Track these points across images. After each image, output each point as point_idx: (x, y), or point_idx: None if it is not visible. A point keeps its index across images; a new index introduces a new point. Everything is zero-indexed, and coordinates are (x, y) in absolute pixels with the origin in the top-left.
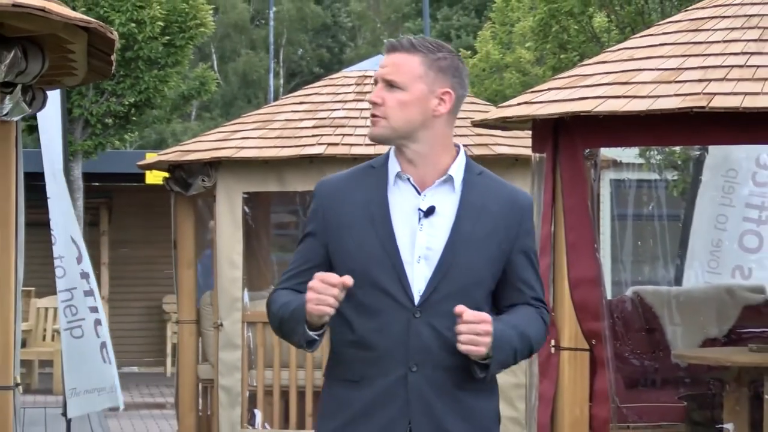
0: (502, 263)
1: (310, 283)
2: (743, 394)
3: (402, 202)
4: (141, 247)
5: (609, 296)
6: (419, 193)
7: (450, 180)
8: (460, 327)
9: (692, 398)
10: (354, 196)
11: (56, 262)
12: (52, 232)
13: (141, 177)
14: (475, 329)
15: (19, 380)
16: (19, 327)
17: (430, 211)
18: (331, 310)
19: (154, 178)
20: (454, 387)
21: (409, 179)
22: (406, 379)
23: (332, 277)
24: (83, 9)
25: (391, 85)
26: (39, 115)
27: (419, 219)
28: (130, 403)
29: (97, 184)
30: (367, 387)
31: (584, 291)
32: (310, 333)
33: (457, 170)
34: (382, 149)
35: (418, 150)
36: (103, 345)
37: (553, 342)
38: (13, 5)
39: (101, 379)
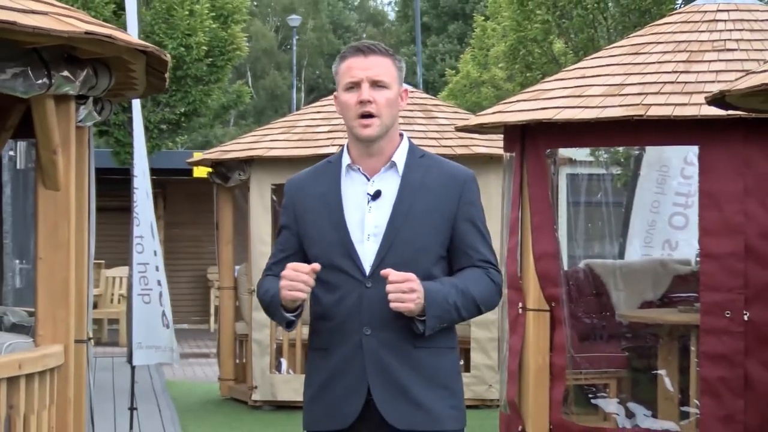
0: (448, 231)
1: (283, 273)
2: (674, 346)
3: (353, 190)
4: (189, 228)
5: (565, 267)
6: (368, 180)
7: (394, 165)
8: (387, 287)
9: (632, 350)
10: (314, 189)
11: (136, 240)
12: (136, 216)
13: (189, 172)
14: (400, 288)
15: (91, 335)
16: (91, 292)
17: (376, 195)
18: (302, 295)
19: (200, 172)
20: (408, 346)
21: (359, 169)
22: (361, 342)
23: (302, 266)
24: (142, 36)
25: (377, 84)
26: (135, 129)
27: (368, 202)
28: (180, 353)
29: (154, 177)
30: (331, 354)
31: (545, 263)
32: (287, 315)
33: (400, 156)
34: None
35: (381, 143)
36: (164, 313)
37: (520, 304)
38: (86, 33)
39: (160, 339)
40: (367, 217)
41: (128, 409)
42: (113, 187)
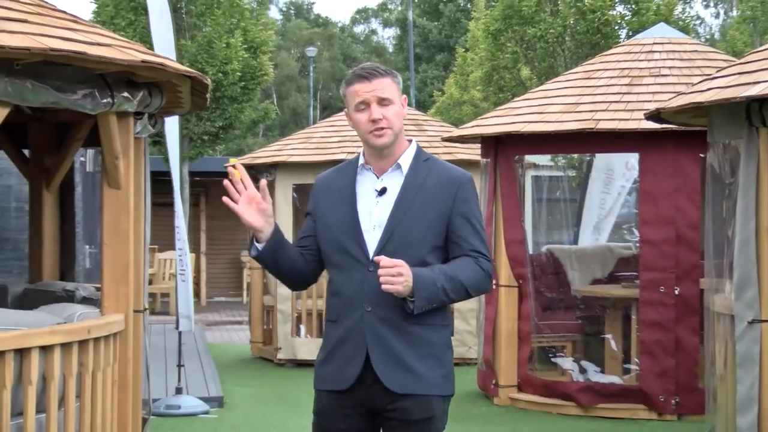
0: (444, 225)
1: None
2: (618, 315)
3: (365, 186)
4: (226, 219)
5: (530, 252)
6: (377, 178)
7: (399, 167)
8: (379, 271)
9: (585, 318)
10: (335, 185)
11: (176, 230)
12: (176, 211)
13: (227, 174)
14: (389, 272)
15: (146, 306)
16: (147, 271)
17: (383, 191)
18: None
19: (236, 174)
20: (404, 321)
21: (370, 168)
22: (362, 317)
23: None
24: (187, 63)
25: (384, 102)
26: (168, 141)
27: (375, 197)
28: (219, 320)
29: (198, 178)
30: (339, 325)
31: (514, 248)
32: (256, 244)
33: (406, 159)
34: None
35: (392, 147)
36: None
37: (494, 281)
38: (142, 61)
39: (190, 309)
40: (374, 209)
41: (176, 366)
42: (165, 187)
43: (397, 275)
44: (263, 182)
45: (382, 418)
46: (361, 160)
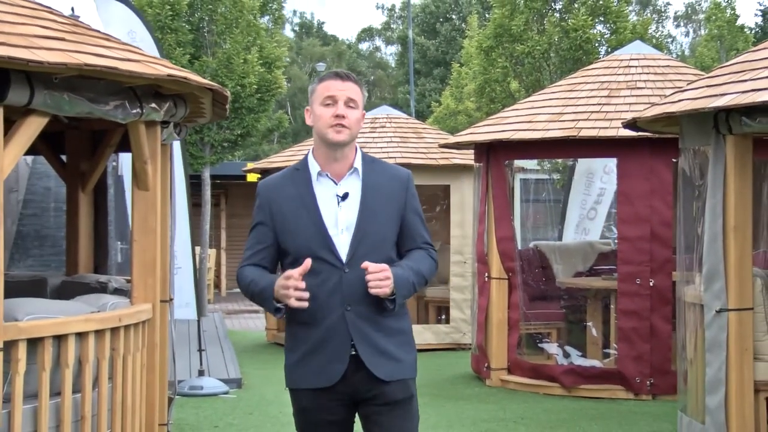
0: (399, 221)
1: (279, 283)
2: (598, 304)
3: (325, 192)
4: (244, 218)
5: (519, 247)
6: (336, 184)
7: (356, 170)
8: (367, 277)
9: (568, 307)
10: (288, 192)
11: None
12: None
13: (244, 177)
14: (377, 277)
15: (172, 297)
16: (173, 264)
17: (345, 196)
18: (305, 305)
19: (252, 177)
20: (378, 316)
21: (327, 175)
22: (344, 316)
23: (292, 272)
24: (209, 77)
25: (350, 103)
26: (174, 160)
27: (338, 202)
28: (237, 309)
29: (218, 181)
30: (315, 326)
31: (505, 244)
32: (278, 305)
33: (359, 162)
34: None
35: (345, 151)
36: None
37: (486, 274)
38: (168, 75)
39: (191, 298)
40: (339, 214)
41: (198, 350)
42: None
43: (384, 279)
44: (308, 262)
45: (365, 404)
46: (315, 167)
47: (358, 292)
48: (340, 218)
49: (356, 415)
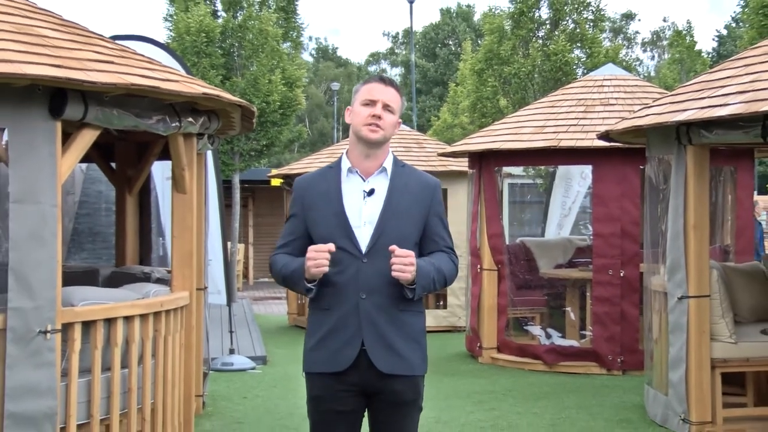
0: (422, 224)
1: (309, 254)
2: (576, 292)
3: (352, 187)
4: (269, 218)
5: (507, 242)
6: (364, 180)
7: (384, 170)
8: (393, 259)
9: (550, 295)
10: (319, 187)
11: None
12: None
13: (268, 182)
14: (402, 261)
15: (206, 285)
16: (207, 257)
17: (371, 192)
18: (325, 269)
19: (275, 182)
20: (393, 308)
21: (356, 171)
22: (358, 305)
23: (321, 246)
24: (238, 95)
25: (388, 108)
26: (208, 170)
27: (364, 197)
28: (263, 296)
29: (246, 185)
30: (333, 312)
31: (494, 240)
32: (309, 285)
33: (389, 164)
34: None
35: (377, 152)
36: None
37: (479, 266)
38: (203, 94)
39: (221, 286)
40: (363, 208)
41: (228, 332)
42: (224, 192)
43: (409, 264)
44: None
45: (375, 399)
46: (346, 164)
47: (374, 282)
48: (363, 212)
49: (365, 411)
